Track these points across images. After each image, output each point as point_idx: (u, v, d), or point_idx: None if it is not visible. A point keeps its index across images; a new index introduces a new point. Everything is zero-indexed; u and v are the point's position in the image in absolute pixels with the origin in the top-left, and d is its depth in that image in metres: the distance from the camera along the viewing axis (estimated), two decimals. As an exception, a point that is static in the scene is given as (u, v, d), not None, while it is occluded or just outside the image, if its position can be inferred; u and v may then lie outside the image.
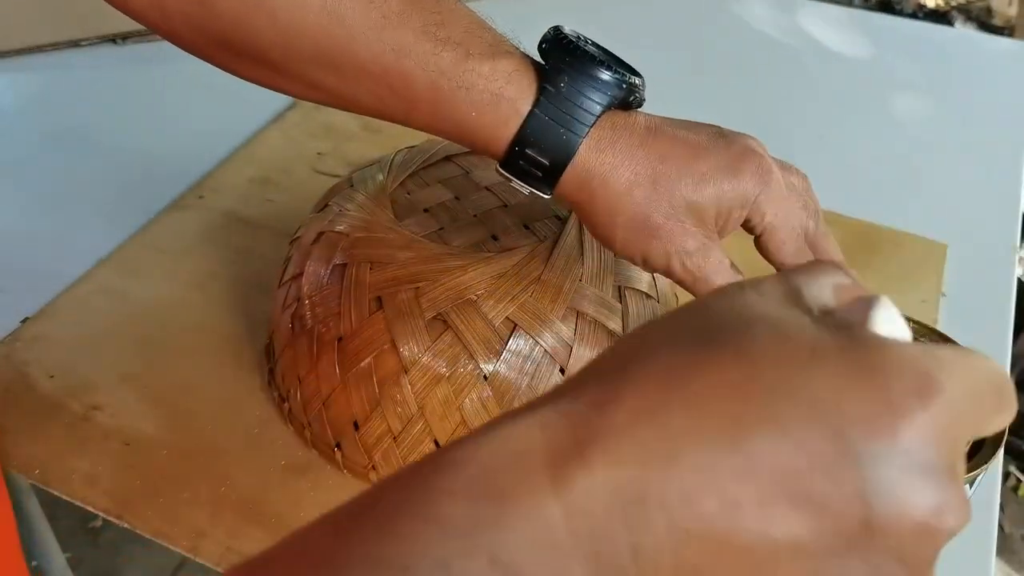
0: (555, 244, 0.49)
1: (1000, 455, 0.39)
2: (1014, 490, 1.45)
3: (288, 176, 0.74)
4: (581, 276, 0.48)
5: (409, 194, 0.54)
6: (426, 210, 0.52)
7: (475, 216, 0.52)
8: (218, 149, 0.77)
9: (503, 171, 0.41)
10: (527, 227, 0.51)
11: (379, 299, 0.47)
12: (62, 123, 0.83)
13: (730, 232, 0.42)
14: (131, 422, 0.54)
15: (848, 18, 1.06)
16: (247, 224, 0.69)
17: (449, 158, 0.57)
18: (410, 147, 0.57)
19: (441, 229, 0.51)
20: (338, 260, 0.49)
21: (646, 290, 0.51)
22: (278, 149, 0.78)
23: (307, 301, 0.50)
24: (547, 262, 0.48)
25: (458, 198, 0.53)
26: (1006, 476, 1.46)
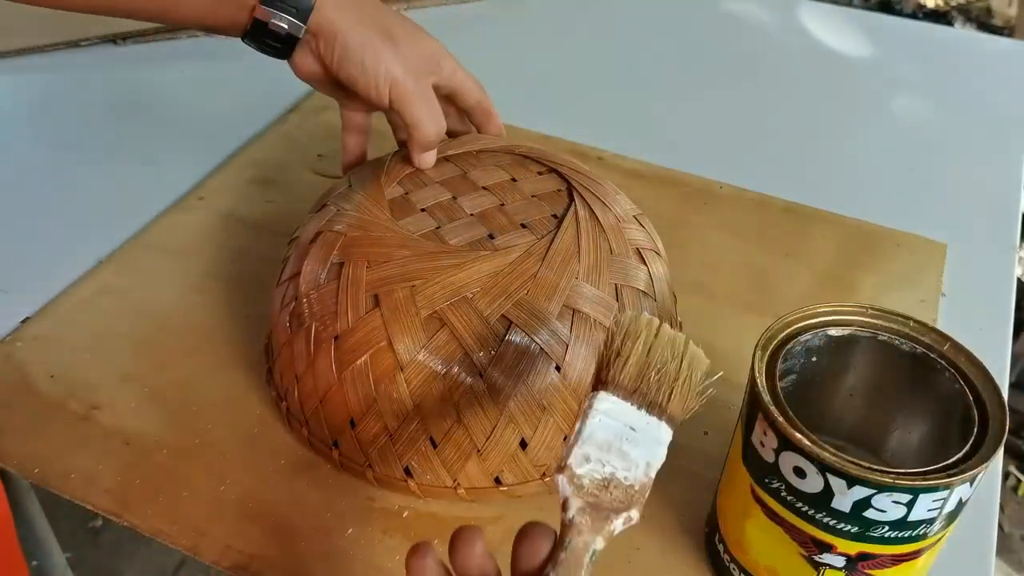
0: (552, 242, 0.49)
1: (1000, 455, 0.39)
2: (1014, 490, 1.45)
3: (288, 177, 0.74)
4: (578, 274, 0.48)
5: (407, 194, 0.54)
6: (423, 209, 0.53)
7: (472, 215, 0.52)
8: (218, 150, 0.77)
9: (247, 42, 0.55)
10: (524, 226, 0.51)
11: (375, 297, 0.47)
12: (62, 123, 0.83)
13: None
14: (131, 422, 0.54)
15: (848, 18, 1.06)
16: (247, 225, 0.69)
17: (448, 158, 0.57)
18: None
19: (438, 228, 0.51)
20: (335, 259, 0.49)
21: (643, 288, 0.51)
22: (278, 151, 0.78)
23: (304, 300, 0.50)
24: (543, 260, 0.48)
25: (455, 198, 0.54)
26: (1006, 476, 1.46)
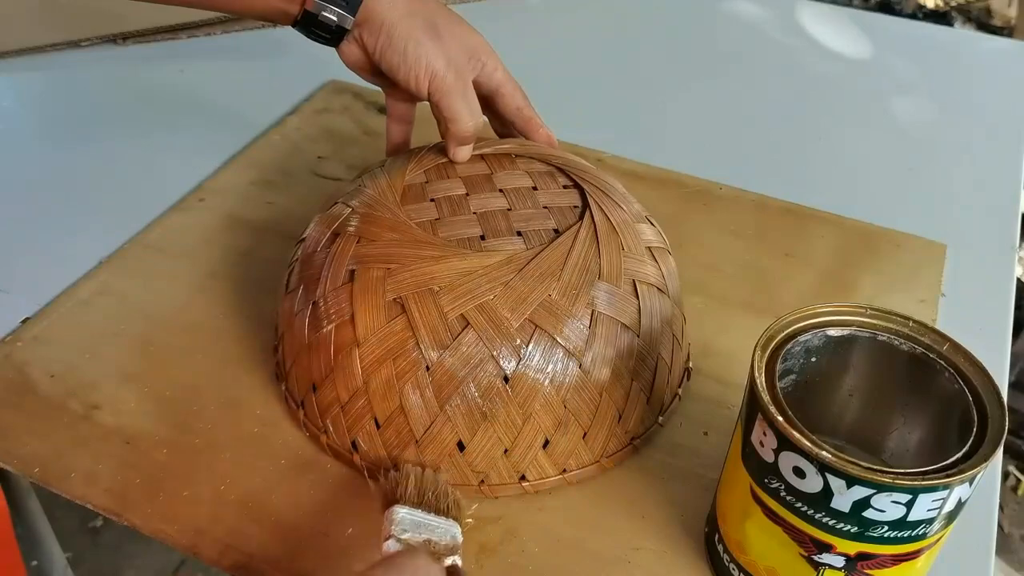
0: (537, 255, 0.49)
1: (999, 455, 0.39)
2: (1013, 490, 1.45)
3: (288, 179, 0.75)
4: (552, 292, 0.48)
5: (426, 183, 0.55)
6: (432, 200, 0.53)
7: (475, 213, 0.52)
8: (219, 151, 0.78)
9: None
10: (519, 234, 0.51)
11: (352, 272, 0.49)
12: (62, 123, 0.83)
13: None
14: (131, 421, 0.54)
15: (848, 18, 1.06)
16: (247, 226, 0.69)
17: (483, 156, 0.57)
18: None
19: (437, 219, 0.52)
20: (336, 229, 0.52)
21: (652, 283, 0.51)
22: (279, 152, 0.78)
23: (299, 263, 0.53)
24: (521, 270, 0.48)
25: (467, 195, 0.54)
26: (1005, 476, 1.46)
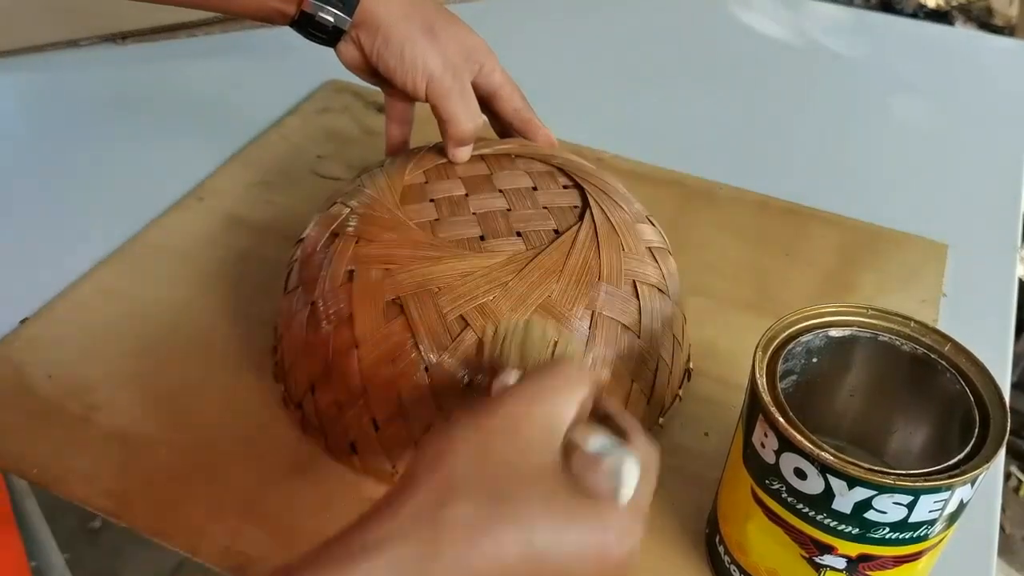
0: (537, 255, 0.49)
1: (1001, 455, 0.39)
2: (1015, 491, 1.45)
3: (288, 179, 0.74)
4: (552, 293, 0.47)
5: (426, 183, 0.55)
6: (432, 200, 0.53)
7: (474, 214, 0.52)
8: (218, 151, 0.77)
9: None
10: (519, 234, 0.51)
11: (351, 272, 0.49)
12: (62, 123, 0.83)
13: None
14: (130, 422, 0.54)
15: (848, 17, 1.06)
16: (247, 226, 0.69)
17: (483, 157, 0.57)
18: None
19: (436, 220, 0.52)
20: (335, 229, 0.52)
21: (655, 284, 0.50)
22: (278, 152, 0.78)
23: (298, 263, 0.53)
24: (520, 271, 0.48)
25: (467, 195, 0.54)
26: (1007, 477, 1.46)
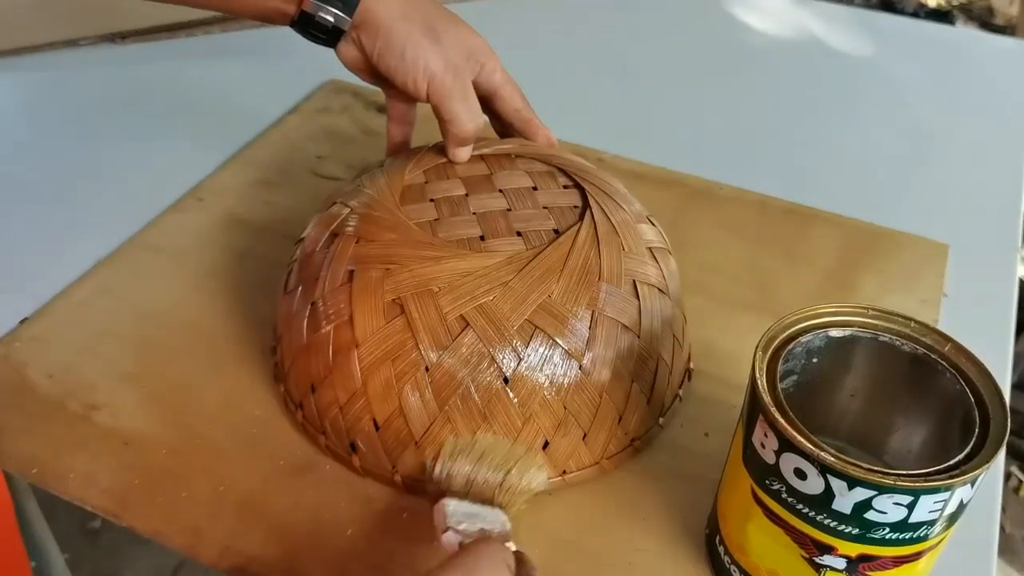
0: (537, 255, 0.49)
1: (1001, 456, 0.39)
2: (1015, 491, 1.45)
3: (288, 179, 0.74)
4: (552, 292, 0.47)
5: (426, 183, 0.55)
6: (432, 200, 0.53)
7: (474, 214, 0.52)
8: (218, 151, 0.77)
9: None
10: (519, 234, 0.51)
11: (351, 272, 0.49)
12: (61, 123, 0.83)
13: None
14: (130, 422, 0.54)
15: (849, 17, 1.06)
16: (246, 226, 0.69)
17: (483, 156, 0.57)
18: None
19: (436, 220, 0.52)
20: (335, 229, 0.52)
21: (656, 282, 0.50)
22: (278, 152, 0.78)
23: (297, 264, 0.53)
24: (521, 271, 0.48)
25: (467, 195, 0.54)
26: (1007, 477, 1.46)
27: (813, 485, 0.37)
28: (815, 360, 0.44)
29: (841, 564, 0.39)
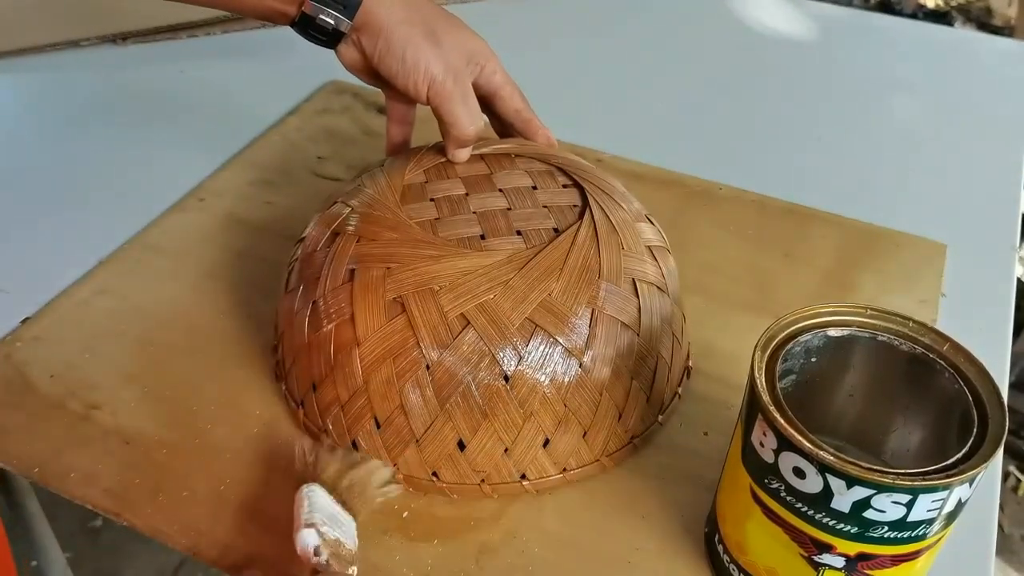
0: (537, 254, 0.49)
1: (999, 455, 0.39)
2: (1014, 490, 1.45)
3: (288, 179, 0.74)
4: (552, 291, 0.48)
5: (426, 182, 0.55)
6: (432, 199, 0.53)
7: (475, 213, 0.52)
8: (218, 152, 0.78)
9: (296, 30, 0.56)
10: (519, 233, 0.51)
11: (352, 271, 0.49)
12: (62, 123, 0.83)
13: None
14: (131, 421, 0.54)
15: (848, 18, 1.06)
16: (247, 226, 0.69)
17: (483, 156, 0.58)
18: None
19: (437, 219, 0.52)
20: (335, 228, 0.52)
21: (654, 281, 0.51)
22: (278, 153, 0.78)
23: (298, 263, 0.53)
24: (521, 269, 0.48)
25: (467, 194, 0.54)
26: (1006, 476, 1.46)
27: (812, 484, 0.37)
28: (814, 359, 0.44)
29: (840, 563, 0.39)
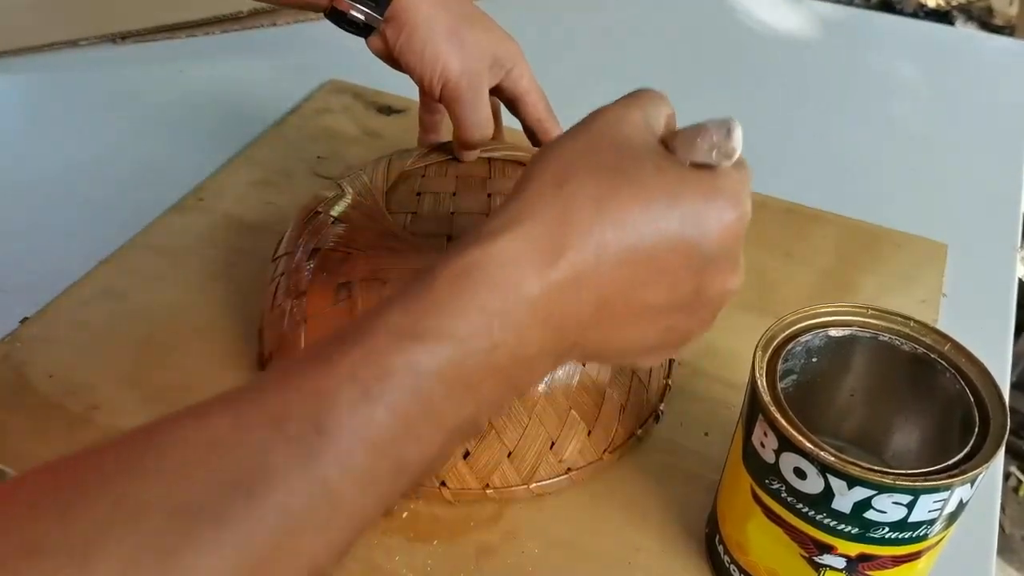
0: None
1: (1001, 455, 0.39)
2: (1015, 490, 1.45)
3: (288, 179, 0.74)
4: None
5: (423, 177, 0.55)
6: (418, 194, 0.54)
7: (452, 213, 0.52)
8: (218, 152, 0.77)
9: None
10: None
11: (315, 250, 0.50)
12: (61, 123, 0.83)
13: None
14: (130, 422, 0.53)
15: (848, 17, 1.06)
16: (247, 226, 0.69)
17: (490, 159, 0.57)
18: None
19: (414, 214, 0.52)
20: (318, 208, 0.53)
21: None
22: (278, 153, 0.78)
23: (284, 239, 0.55)
24: None
25: (455, 194, 0.54)
26: (1007, 476, 1.46)
27: (813, 484, 0.37)
28: (815, 360, 0.44)
29: (841, 563, 0.39)
